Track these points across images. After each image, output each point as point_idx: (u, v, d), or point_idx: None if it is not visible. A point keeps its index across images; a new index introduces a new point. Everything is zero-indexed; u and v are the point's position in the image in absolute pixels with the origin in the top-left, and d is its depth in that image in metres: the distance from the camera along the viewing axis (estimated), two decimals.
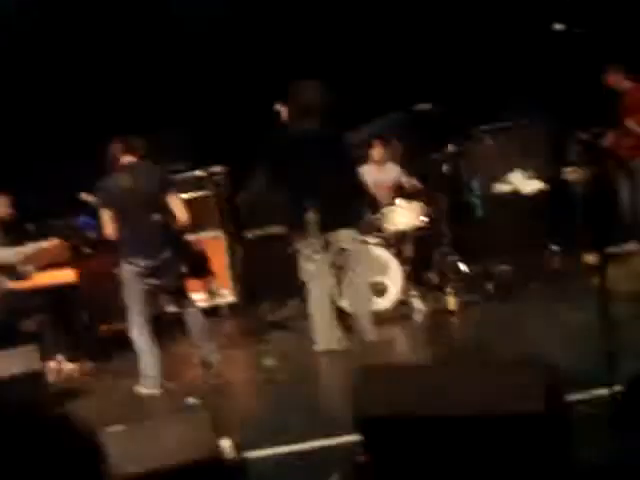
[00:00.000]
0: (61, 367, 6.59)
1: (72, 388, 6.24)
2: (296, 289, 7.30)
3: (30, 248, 6.73)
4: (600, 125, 7.58)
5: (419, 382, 2.84)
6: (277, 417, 4.96)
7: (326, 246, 6.23)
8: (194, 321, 6.06)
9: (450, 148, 7.79)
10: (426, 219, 7.50)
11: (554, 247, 7.88)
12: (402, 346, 6.46)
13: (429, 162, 7.86)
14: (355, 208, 6.56)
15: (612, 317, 3.99)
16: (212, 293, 7.62)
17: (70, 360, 6.69)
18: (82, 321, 7.03)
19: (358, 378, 2.95)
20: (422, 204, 7.52)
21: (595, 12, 7.59)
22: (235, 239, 8.55)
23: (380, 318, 6.89)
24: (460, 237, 8.06)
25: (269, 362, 6.05)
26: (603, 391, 4.06)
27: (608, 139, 7.68)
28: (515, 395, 2.54)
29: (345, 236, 6.23)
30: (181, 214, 5.86)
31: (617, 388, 3.78)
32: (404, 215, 7.40)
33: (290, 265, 7.50)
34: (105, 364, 6.87)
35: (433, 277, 7.79)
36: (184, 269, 6.01)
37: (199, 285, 7.32)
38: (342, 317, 6.49)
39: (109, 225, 5.83)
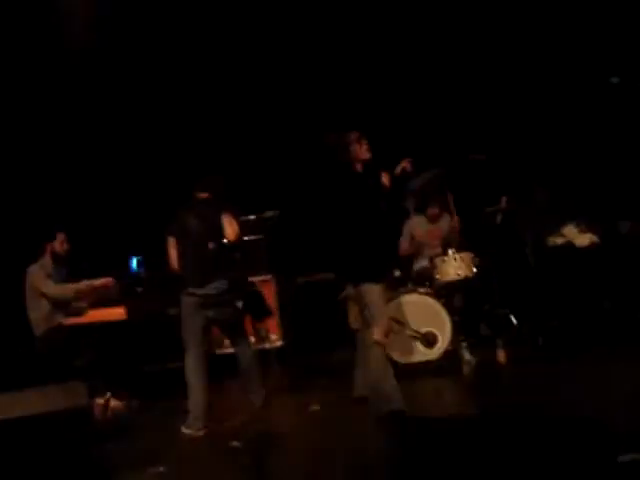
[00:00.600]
0: (108, 404, 6.62)
1: (117, 425, 6.26)
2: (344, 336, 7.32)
3: (83, 285, 6.83)
4: None
5: (466, 434, 2.80)
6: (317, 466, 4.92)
7: None
8: (248, 362, 6.09)
9: (504, 200, 7.77)
10: (477, 270, 7.44)
11: (607, 303, 7.74)
12: (450, 397, 6.35)
13: (483, 214, 7.84)
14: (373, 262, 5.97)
15: None
16: (261, 337, 7.63)
17: (117, 398, 6.72)
18: (130, 359, 7.08)
19: (402, 427, 2.90)
20: (473, 255, 7.47)
21: None
22: (285, 283, 8.57)
23: (429, 368, 6.85)
24: (511, 290, 8.00)
25: (315, 408, 6.02)
26: None
27: None
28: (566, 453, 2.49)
29: (365, 290, 5.62)
30: (231, 230, 6.02)
31: None
32: (455, 266, 7.35)
33: (339, 312, 7.53)
34: (153, 402, 6.89)
35: (483, 329, 7.72)
36: (241, 304, 6.09)
37: (249, 328, 7.34)
38: None
39: (174, 258, 6.04)
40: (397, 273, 7.56)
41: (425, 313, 7.15)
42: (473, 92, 8.96)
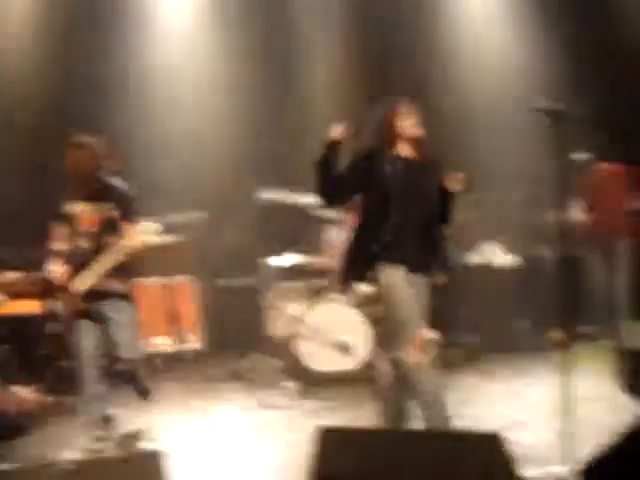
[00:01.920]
0: (20, 397, 6.47)
1: (28, 419, 6.12)
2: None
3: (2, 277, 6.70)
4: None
5: (377, 447, 2.84)
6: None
7: None
8: None
9: None
10: None
11: (521, 322, 7.98)
12: (365, 409, 6.39)
13: None
14: None
15: (573, 395, 4.04)
16: (180, 338, 7.59)
17: (29, 391, 6.58)
18: (44, 354, 6.94)
19: (319, 439, 2.92)
20: None
21: None
22: (207, 287, 8.52)
23: (346, 379, 6.90)
24: (430, 304, 8.09)
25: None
26: (560, 469, 4.10)
27: (586, 217, 7.76)
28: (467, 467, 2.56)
29: None
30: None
31: (574, 468, 3.81)
32: None
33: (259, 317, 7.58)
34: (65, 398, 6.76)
35: None
36: None
37: (166, 329, 7.30)
38: None
39: None
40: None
41: (345, 321, 7.19)
42: None
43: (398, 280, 4.57)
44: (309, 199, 7.27)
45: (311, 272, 7.87)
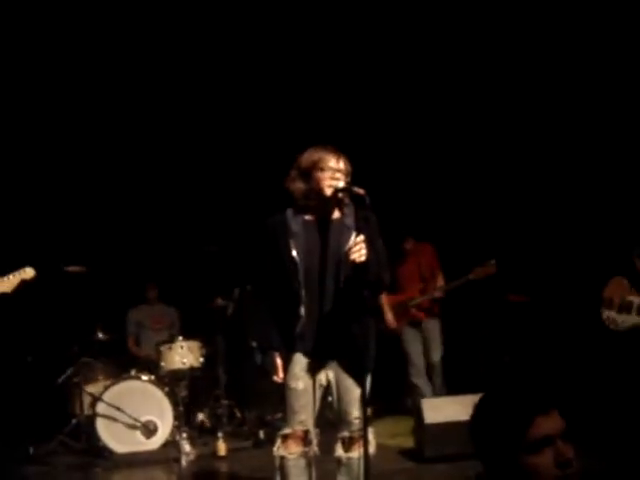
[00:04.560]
0: None
1: None
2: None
3: None
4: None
5: None
6: None
7: None
8: None
9: (236, 292, 7.90)
10: (203, 360, 7.46)
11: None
12: None
13: (214, 305, 7.87)
14: None
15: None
16: None
17: None
18: None
19: None
20: (201, 344, 7.48)
21: None
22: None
23: (147, 459, 6.66)
24: (237, 382, 8.05)
25: None
26: None
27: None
28: None
29: None
30: None
31: None
32: (181, 354, 7.31)
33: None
34: None
35: (205, 420, 7.67)
36: None
37: None
38: None
39: None
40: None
41: (147, 401, 7.01)
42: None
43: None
44: None
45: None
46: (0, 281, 5.34)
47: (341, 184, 3.98)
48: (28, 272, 5.43)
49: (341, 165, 4.03)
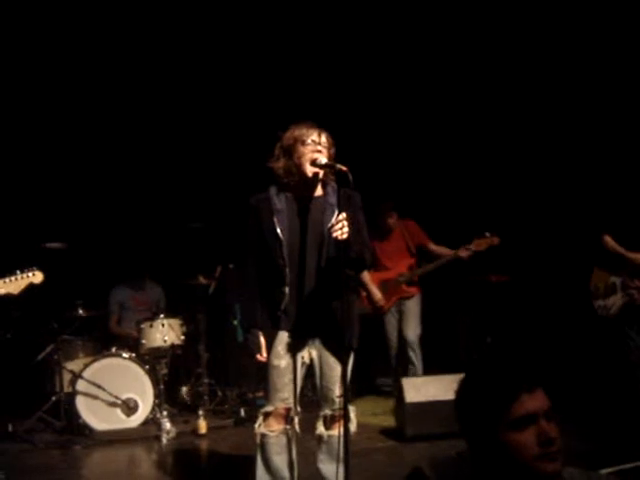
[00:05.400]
0: None
1: None
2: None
3: None
4: None
5: None
6: None
7: None
8: None
9: (219, 270, 7.88)
10: (185, 338, 7.45)
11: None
12: (144, 468, 6.16)
13: (196, 282, 7.85)
14: None
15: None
16: None
17: None
18: None
19: None
20: (182, 322, 7.46)
21: None
22: None
23: (128, 436, 6.65)
24: (218, 360, 8.05)
25: None
26: None
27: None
28: None
29: None
30: None
31: None
32: (162, 332, 7.28)
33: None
34: None
35: (186, 398, 7.67)
36: None
37: None
38: None
39: None
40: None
41: (127, 378, 6.99)
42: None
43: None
44: None
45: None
46: (8, 281, 5.21)
47: (324, 159, 3.96)
48: (37, 276, 5.31)
49: (323, 139, 4.01)
